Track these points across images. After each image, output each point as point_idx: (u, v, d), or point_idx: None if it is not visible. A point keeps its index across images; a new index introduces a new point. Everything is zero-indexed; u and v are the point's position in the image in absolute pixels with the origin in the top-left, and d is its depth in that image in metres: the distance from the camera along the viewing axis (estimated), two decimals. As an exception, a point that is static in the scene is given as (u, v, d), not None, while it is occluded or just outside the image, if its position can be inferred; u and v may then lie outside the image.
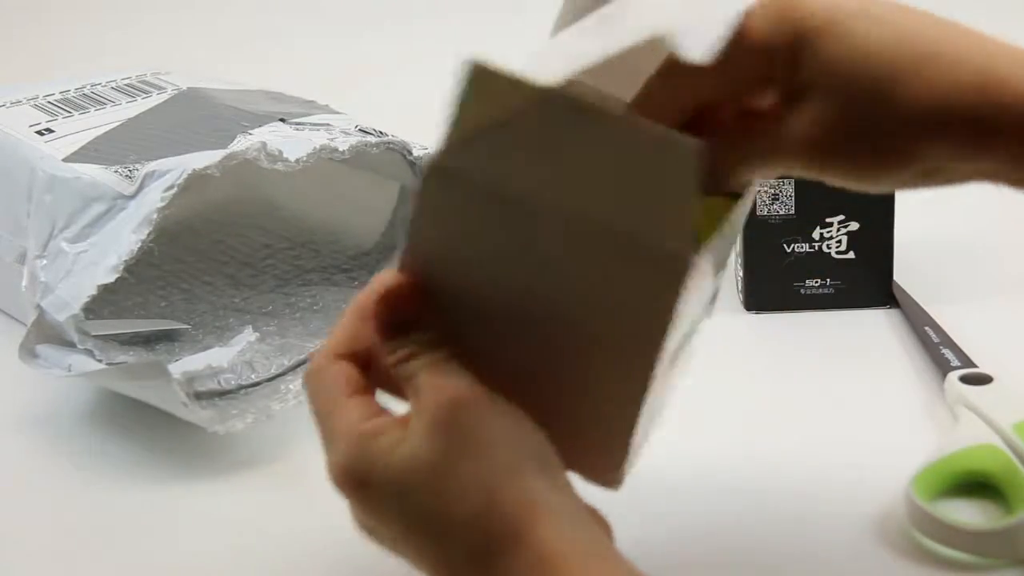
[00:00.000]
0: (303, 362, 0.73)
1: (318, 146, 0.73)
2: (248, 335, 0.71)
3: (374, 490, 0.48)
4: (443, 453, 0.47)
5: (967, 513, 0.61)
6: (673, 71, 0.50)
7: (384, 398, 0.52)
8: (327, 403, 0.51)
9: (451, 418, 0.47)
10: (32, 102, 0.83)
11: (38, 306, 0.70)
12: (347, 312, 0.52)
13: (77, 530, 0.65)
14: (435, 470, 0.47)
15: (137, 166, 0.72)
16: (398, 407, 0.51)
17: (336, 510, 0.65)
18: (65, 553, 0.64)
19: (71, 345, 0.69)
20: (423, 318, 0.50)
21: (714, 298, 0.54)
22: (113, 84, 0.86)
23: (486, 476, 0.47)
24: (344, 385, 0.51)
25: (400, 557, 0.51)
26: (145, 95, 0.84)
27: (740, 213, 0.52)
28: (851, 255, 0.79)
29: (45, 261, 0.71)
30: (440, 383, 0.48)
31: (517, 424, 0.48)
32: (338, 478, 0.50)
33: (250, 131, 0.76)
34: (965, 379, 0.69)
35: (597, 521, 0.50)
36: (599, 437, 0.51)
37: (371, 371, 0.52)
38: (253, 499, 0.66)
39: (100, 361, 0.69)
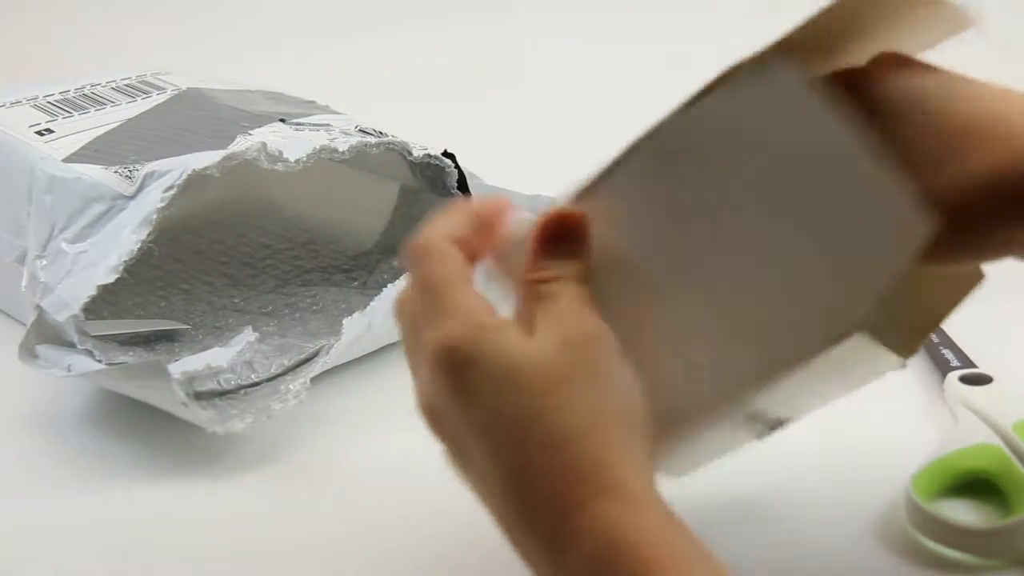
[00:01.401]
0: (303, 362, 0.73)
1: (318, 146, 0.73)
2: (248, 335, 0.71)
3: (478, 374, 0.48)
4: (567, 367, 0.48)
5: (967, 513, 0.61)
6: None
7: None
8: (447, 276, 0.50)
9: (585, 345, 0.48)
10: (32, 102, 0.83)
11: (38, 306, 0.70)
12: (456, 209, 0.52)
13: (77, 530, 0.65)
14: (552, 378, 0.47)
15: (137, 166, 0.72)
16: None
17: (336, 510, 0.66)
18: (65, 553, 0.64)
19: (71, 345, 0.69)
20: (578, 250, 0.51)
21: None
22: (113, 84, 0.86)
23: (597, 407, 0.47)
24: (460, 270, 0.50)
25: (456, 454, 0.50)
26: (145, 95, 0.84)
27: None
28: (851, 255, 0.78)
29: (45, 261, 0.71)
30: (583, 315, 0.49)
31: (634, 380, 0.49)
32: (441, 351, 0.48)
33: (250, 131, 0.76)
34: (965, 379, 0.69)
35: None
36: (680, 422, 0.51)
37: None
38: (253, 499, 0.66)
39: (100, 361, 0.69)
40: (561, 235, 0.51)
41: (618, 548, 0.46)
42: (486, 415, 0.48)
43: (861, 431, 0.69)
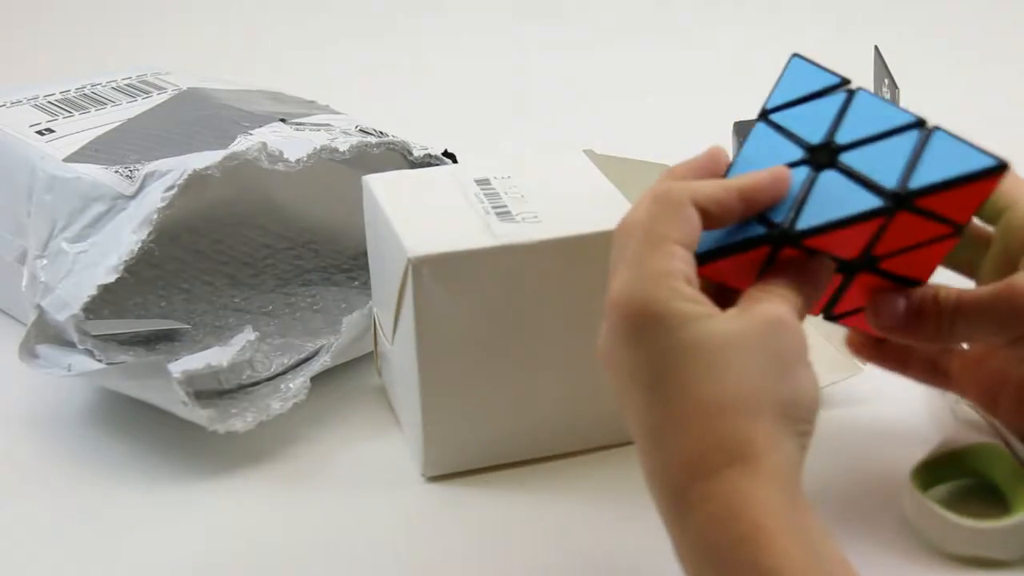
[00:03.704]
0: (303, 361, 0.73)
1: (318, 146, 0.73)
2: (248, 335, 0.71)
3: (661, 332, 0.49)
4: (753, 339, 0.49)
5: (966, 512, 0.61)
6: None
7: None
8: (660, 234, 0.51)
9: (773, 331, 0.50)
10: (32, 102, 0.83)
11: (38, 306, 0.70)
12: (729, 182, 0.53)
13: (77, 530, 0.65)
14: (733, 344, 0.49)
15: (137, 166, 0.72)
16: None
17: (336, 510, 0.66)
18: (65, 553, 0.64)
19: (71, 345, 0.69)
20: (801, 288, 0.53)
21: None
22: (113, 84, 0.86)
23: (766, 391, 0.49)
24: (686, 230, 0.51)
25: (621, 398, 0.51)
26: (145, 95, 0.84)
27: None
28: (851, 255, 0.79)
29: (45, 261, 0.71)
30: (775, 302, 0.51)
31: (814, 375, 0.51)
32: (626, 303, 0.50)
33: (250, 131, 0.76)
34: (965, 379, 0.69)
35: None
36: None
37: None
38: (253, 499, 0.66)
39: (100, 361, 0.69)
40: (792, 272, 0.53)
41: (736, 514, 0.47)
42: (648, 372, 0.49)
43: (861, 430, 0.69)
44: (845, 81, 0.57)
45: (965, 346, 0.63)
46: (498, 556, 0.62)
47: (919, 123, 0.55)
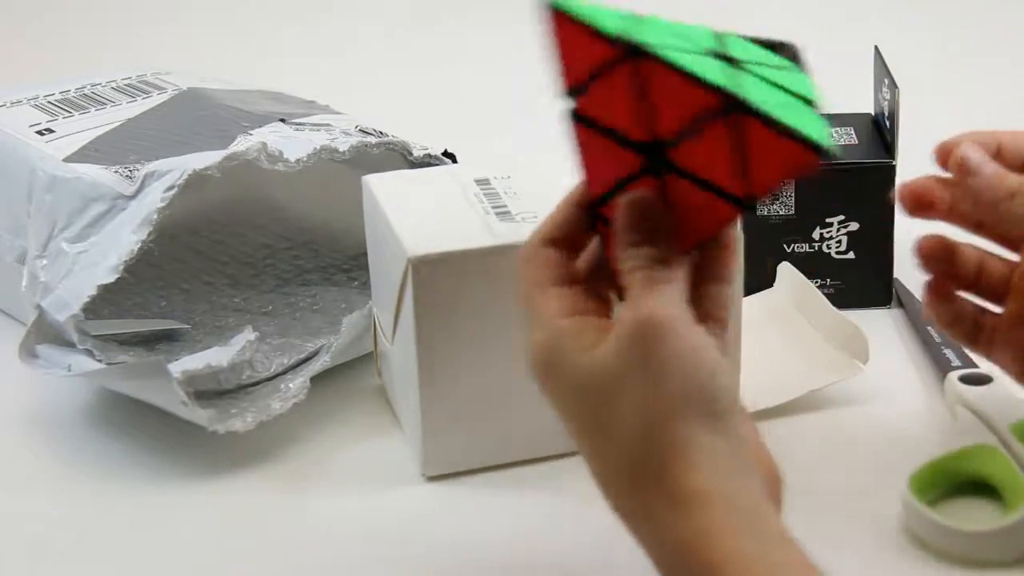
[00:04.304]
0: (303, 361, 0.73)
1: (318, 146, 0.73)
2: (248, 335, 0.71)
3: (559, 381, 0.50)
4: (622, 371, 0.48)
5: (964, 513, 0.61)
6: None
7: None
8: (532, 288, 0.52)
9: (640, 338, 0.48)
10: (32, 102, 0.83)
11: (38, 306, 0.70)
12: (562, 200, 0.53)
13: (77, 530, 0.65)
14: (610, 385, 0.48)
15: (137, 166, 0.72)
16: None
17: (335, 510, 0.66)
18: (65, 553, 0.64)
19: (71, 345, 0.69)
20: (649, 237, 0.50)
21: None
22: (113, 84, 0.86)
23: (649, 406, 0.48)
24: (549, 273, 0.52)
25: (569, 438, 0.51)
26: (145, 95, 0.84)
27: None
28: (851, 255, 0.79)
29: (45, 261, 0.71)
30: (644, 302, 0.49)
31: (698, 357, 0.48)
32: (532, 361, 0.51)
33: (250, 131, 0.76)
34: (964, 379, 0.69)
35: (767, 473, 0.50)
36: None
37: (580, 257, 0.53)
38: (253, 499, 0.66)
39: (100, 361, 0.69)
40: (634, 223, 0.51)
41: (683, 554, 0.47)
42: (571, 419, 0.50)
43: (861, 430, 0.69)
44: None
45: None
46: (498, 556, 0.62)
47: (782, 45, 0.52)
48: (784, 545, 0.47)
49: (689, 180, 0.50)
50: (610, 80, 0.48)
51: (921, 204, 0.62)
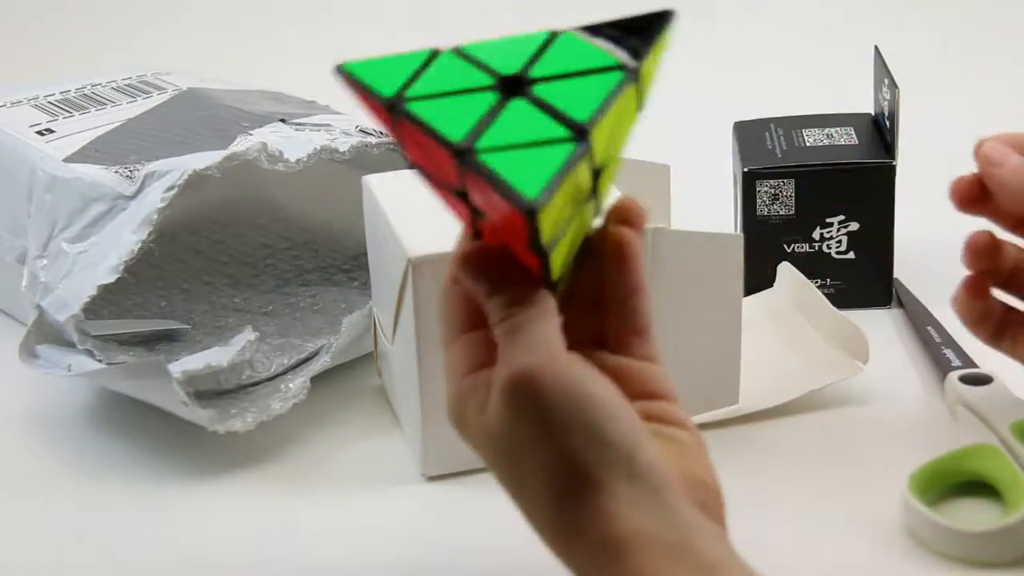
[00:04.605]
0: (303, 361, 0.73)
1: (319, 147, 0.73)
2: (248, 335, 0.71)
3: (468, 438, 0.50)
4: (513, 432, 0.47)
5: (964, 513, 0.61)
6: None
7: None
8: (445, 335, 0.51)
9: (518, 398, 0.46)
10: (32, 102, 0.83)
11: (38, 306, 0.70)
12: (460, 234, 0.51)
13: (77, 530, 0.65)
14: (511, 444, 0.47)
15: (137, 166, 0.72)
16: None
17: (335, 510, 0.66)
18: (65, 553, 0.64)
19: (71, 345, 0.69)
20: (510, 276, 0.48)
21: None
22: (113, 84, 0.86)
23: (551, 465, 0.46)
24: (457, 319, 0.50)
25: None
26: (145, 95, 0.84)
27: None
28: (851, 255, 0.79)
29: (45, 261, 0.71)
30: (511, 355, 0.47)
31: (584, 406, 0.46)
32: (448, 412, 0.50)
33: (250, 131, 0.76)
34: (965, 379, 0.69)
35: (705, 487, 0.48)
36: None
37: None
38: (253, 499, 0.66)
39: (100, 361, 0.69)
40: (475, 275, 0.49)
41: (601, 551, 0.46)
42: (489, 468, 0.50)
43: (860, 430, 0.69)
44: (435, 50, 0.51)
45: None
46: (498, 556, 0.62)
47: (555, 33, 0.50)
48: (719, 571, 0.46)
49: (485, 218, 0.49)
50: (399, 134, 0.48)
51: (968, 198, 0.62)
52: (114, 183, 0.72)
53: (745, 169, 0.78)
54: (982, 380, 0.68)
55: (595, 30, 0.50)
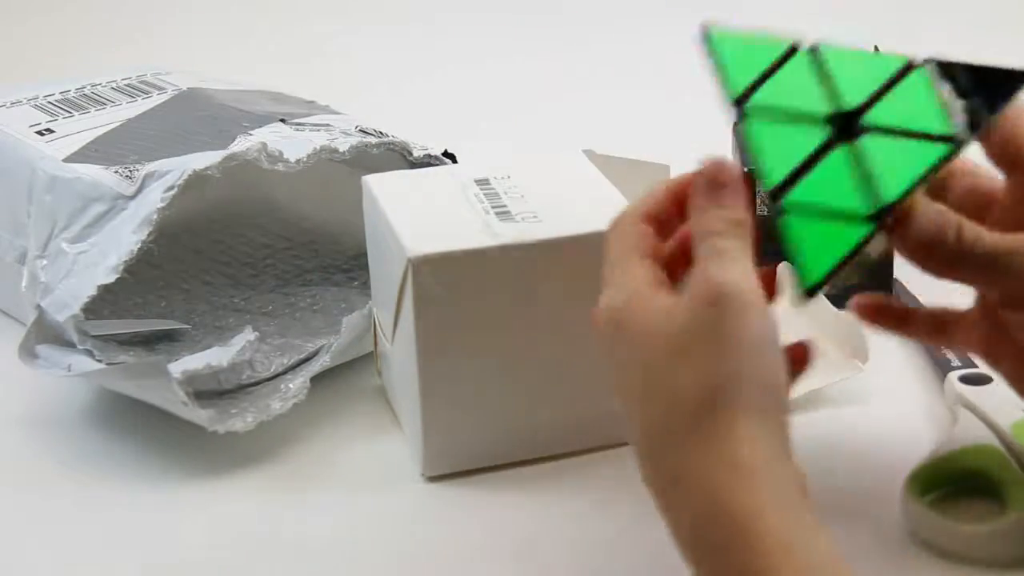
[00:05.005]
0: (303, 361, 0.73)
1: (318, 147, 0.73)
2: (248, 335, 0.71)
3: (624, 334, 0.52)
4: (688, 332, 0.50)
5: (964, 513, 0.61)
6: None
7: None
8: (622, 254, 0.54)
9: (715, 305, 0.50)
10: (32, 102, 0.83)
11: (38, 306, 0.70)
12: (662, 185, 0.56)
13: (77, 530, 0.65)
14: (675, 343, 0.50)
15: (137, 166, 0.72)
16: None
17: (335, 510, 0.66)
18: (65, 553, 0.64)
19: (71, 345, 0.69)
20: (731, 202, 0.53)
21: None
22: (113, 84, 0.86)
23: (712, 378, 0.49)
24: (642, 245, 0.54)
25: (620, 400, 0.53)
26: (145, 95, 0.84)
27: None
28: (851, 255, 0.78)
29: (45, 261, 0.72)
30: (716, 271, 0.51)
31: (766, 351, 0.50)
32: (602, 315, 0.53)
33: (250, 131, 0.76)
34: (964, 379, 0.69)
35: (799, 475, 0.51)
36: None
37: (665, 241, 0.56)
38: (253, 499, 0.66)
39: (100, 361, 0.69)
40: (713, 188, 0.54)
41: (721, 513, 0.48)
42: (626, 376, 0.52)
43: (860, 430, 0.69)
44: (795, 46, 0.56)
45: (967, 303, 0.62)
46: (498, 556, 0.62)
47: (910, 64, 0.53)
48: (818, 532, 0.48)
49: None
50: None
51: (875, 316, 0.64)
52: (114, 183, 0.72)
53: (745, 169, 0.78)
54: (982, 380, 0.68)
55: (948, 70, 0.52)
